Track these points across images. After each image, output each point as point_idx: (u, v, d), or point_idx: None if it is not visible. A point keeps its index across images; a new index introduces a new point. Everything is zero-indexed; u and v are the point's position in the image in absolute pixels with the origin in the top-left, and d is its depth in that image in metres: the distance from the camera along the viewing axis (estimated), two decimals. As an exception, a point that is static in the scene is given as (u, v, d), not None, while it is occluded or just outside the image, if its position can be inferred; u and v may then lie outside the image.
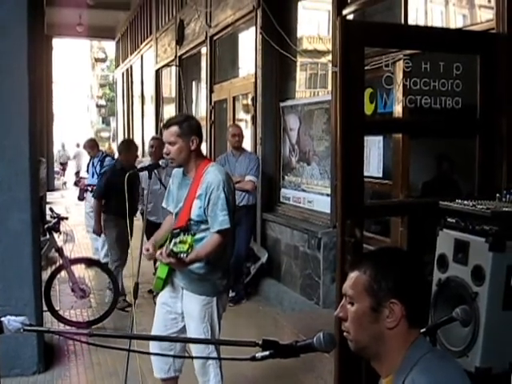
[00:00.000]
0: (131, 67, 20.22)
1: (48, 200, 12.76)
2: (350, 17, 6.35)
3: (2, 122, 4.95)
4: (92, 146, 9.20)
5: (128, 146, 7.54)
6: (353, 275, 1.86)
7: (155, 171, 6.74)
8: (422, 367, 1.74)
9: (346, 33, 3.66)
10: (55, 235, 6.58)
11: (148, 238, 5.27)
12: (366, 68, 3.91)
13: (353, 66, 3.68)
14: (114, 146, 27.18)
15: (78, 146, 29.80)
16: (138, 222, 7.88)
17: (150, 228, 5.47)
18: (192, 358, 4.00)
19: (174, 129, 3.84)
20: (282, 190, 8.13)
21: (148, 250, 3.88)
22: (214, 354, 3.86)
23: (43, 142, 15.83)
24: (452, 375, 1.76)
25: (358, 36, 3.69)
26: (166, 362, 4.02)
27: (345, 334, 1.86)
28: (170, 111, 14.21)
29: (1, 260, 4.97)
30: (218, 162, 6.91)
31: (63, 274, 6.48)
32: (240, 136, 7.58)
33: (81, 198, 9.27)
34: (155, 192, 7.09)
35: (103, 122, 48.97)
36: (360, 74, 3.73)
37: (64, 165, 29.00)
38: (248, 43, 9.03)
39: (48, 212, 7.62)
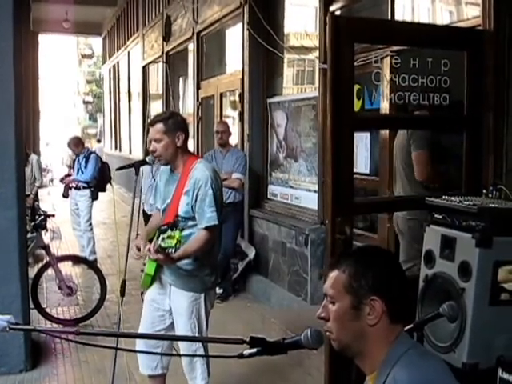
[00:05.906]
0: (118, 64, 20.15)
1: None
2: (337, 13, 6.35)
3: (-13, 118, 4.90)
4: (76, 143, 9.14)
5: None
6: (332, 275, 1.87)
7: (150, 167, 6.75)
8: (404, 363, 1.75)
9: (336, 29, 3.64)
10: (42, 232, 6.54)
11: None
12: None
13: (343, 63, 3.66)
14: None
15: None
16: (125, 219, 7.84)
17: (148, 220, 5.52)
18: (179, 355, 3.99)
19: (160, 126, 3.83)
20: (270, 187, 8.12)
21: (139, 249, 3.84)
22: (201, 351, 3.85)
23: (29, 138, 15.71)
24: (433, 370, 1.76)
25: (348, 32, 3.67)
26: (153, 359, 4.01)
27: (328, 333, 1.86)
28: (157, 108, 14.16)
29: (-13, 258, 4.93)
30: (205, 159, 6.89)
31: (50, 271, 6.44)
32: (224, 133, 7.42)
33: (65, 195, 9.17)
34: (151, 186, 7.12)
35: (90, 119, 48.67)
36: (350, 70, 3.72)
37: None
38: (235, 39, 9.00)
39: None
